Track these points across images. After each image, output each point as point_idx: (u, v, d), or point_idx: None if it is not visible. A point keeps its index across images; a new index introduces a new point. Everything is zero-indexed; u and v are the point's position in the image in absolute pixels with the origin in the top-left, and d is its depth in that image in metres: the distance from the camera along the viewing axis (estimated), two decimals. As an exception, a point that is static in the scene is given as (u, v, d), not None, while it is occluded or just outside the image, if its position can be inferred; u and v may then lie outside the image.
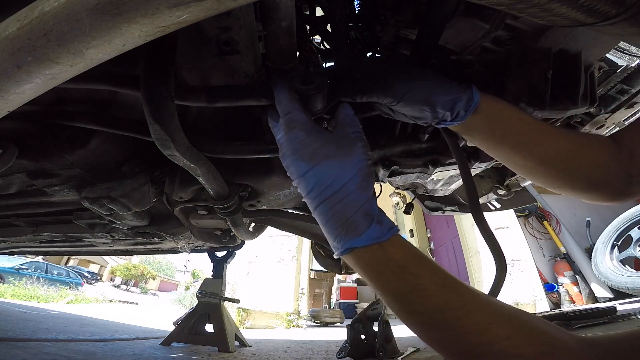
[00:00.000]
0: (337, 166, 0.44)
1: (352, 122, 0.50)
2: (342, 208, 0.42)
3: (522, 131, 0.56)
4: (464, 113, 0.56)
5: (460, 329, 0.35)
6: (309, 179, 0.44)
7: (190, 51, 0.56)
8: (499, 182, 1.20)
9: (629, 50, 0.85)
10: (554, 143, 0.55)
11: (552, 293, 4.50)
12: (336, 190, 0.42)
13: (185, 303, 8.58)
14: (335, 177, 0.43)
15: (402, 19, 0.70)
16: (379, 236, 0.41)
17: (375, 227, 0.41)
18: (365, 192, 0.43)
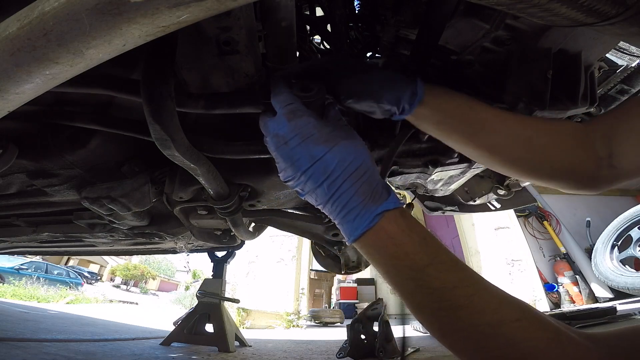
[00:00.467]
0: (355, 145, 0.45)
1: (341, 118, 0.51)
2: (368, 179, 0.43)
3: (472, 120, 0.56)
4: (409, 107, 0.57)
5: (472, 307, 0.35)
6: (328, 159, 0.44)
7: (190, 51, 0.56)
8: (499, 182, 1.20)
9: (629, 50, 0.85)
10: (507, 129, 0.55)
11: (552, 293, 4.50)
12: (359, 165, 0.44)
13: (185, 303, 8.57)
14: (355, 154, 0.44)
15: (402, 19, 0.70)
16: (399, 202, 0.43)
17: (394, 194, 0.43)
18: (376, 168, 0.45)
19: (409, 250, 0.40)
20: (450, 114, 0.57)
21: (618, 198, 5.42)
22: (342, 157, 0.44)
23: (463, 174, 1.01)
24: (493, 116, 0.56)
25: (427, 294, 0.38)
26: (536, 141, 0.54)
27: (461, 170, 0.98)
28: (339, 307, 6.73)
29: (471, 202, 1.31)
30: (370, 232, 0.42)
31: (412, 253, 0.40)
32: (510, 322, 0.34)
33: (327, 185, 0.44)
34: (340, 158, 0.44)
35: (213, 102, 0.62)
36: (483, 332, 0.34)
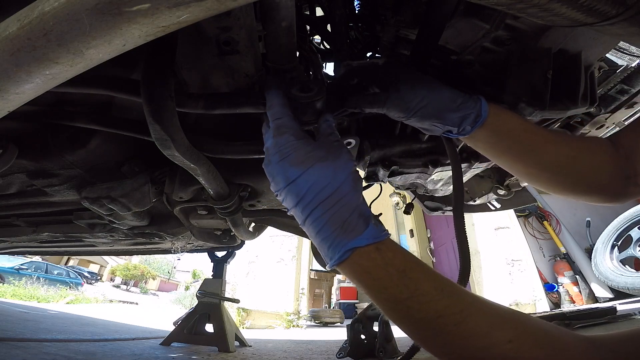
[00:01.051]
0: (330, 169, 0.43)
1: (333, 132, 0.50)
2: (339, 210, 0.41)
3: (527, 141, 0.57)
4: (470, 129, 0.57)
5: (459, 334, 0.35)
6: (300, 184, 0.43)
7: (190, 51, 0.56)
8: (499, 182, 1.20)
9: (629, 50, 0.85)
10: (555, 150, 0.56)
11: (552, 293, 4.50)
12: (331, 193, 0.42)
13: (185, 303, 8.57)
14: (329, 179, 0.42)
15: (402, 19, 0.70)
16: (377, 236, 0.40)
17: (372, 227, 0.41)
18: (357, 194, 0.43)
19: (387, 285, 0.39)
20: (508, 135, 0.58)
21: (618, 198, 5.40)
22: (315, 181, 0.42)
23: (463, 174, 1.01)
24: (543, 137, 0.57)
25: (411, 323, 0.38)
26: (577, 160, 0.56)
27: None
28: (339, 307, 6.73)
29: (471, 202, 1.31)
30: (345, 264, 0.41)
31: (390, 287, 0.39)
32: (502, 344, 0.33)
33: (300, 209, 0.43)
34: (312, 182, 0.42)
35: (213, 102, 0.62)
36: (473, 355, 0.34)
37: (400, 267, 0.39)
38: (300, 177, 0.43)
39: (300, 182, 0.43)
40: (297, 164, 0.44)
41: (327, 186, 0.42)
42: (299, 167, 0.43)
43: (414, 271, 0.39)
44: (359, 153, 0.87)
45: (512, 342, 0.33)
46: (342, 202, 0.41)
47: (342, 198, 0.42)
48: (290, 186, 0.43)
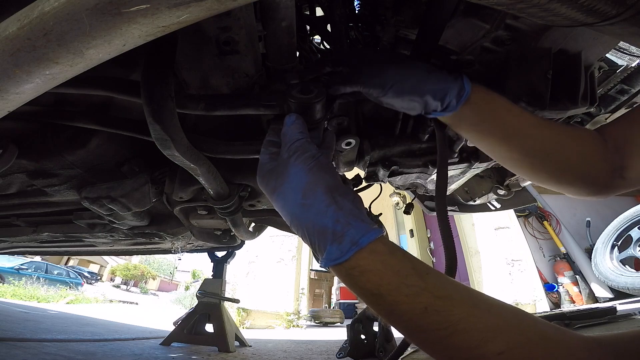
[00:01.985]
0: (281, 198, 0.44)
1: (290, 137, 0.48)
2: (302, 231, 0.42)
3: (511, 123, 0.55)
4: (456, 103, 0.55)
5: (448, 345, 0.34)
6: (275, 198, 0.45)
7: (190, 51, 0.56)
8: (499, 182, 1.20)
9: (629, 50, 0.85)
10: (540, 135, 0.54)
11: (552, 293, 4.50)
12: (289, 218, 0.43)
13: (185, 303, 8.57)
14: (284, 210, 0.43)
15: (402, 19, 0.70)
16: (337, 257, 0.39)
17: (331, 248, 0.39)
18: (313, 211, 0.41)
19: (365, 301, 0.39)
20: (492, 115, 0.56)
21: (618, 198, 5.41)
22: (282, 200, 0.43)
23: (463, 174, 1.01)
24: (527, 121, 0.55)
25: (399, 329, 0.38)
26: (564, 148, 0.54)
27: (461, 170, 0.98)
28: (339, 307, 6.72)
29: (471, 202, 1.31)
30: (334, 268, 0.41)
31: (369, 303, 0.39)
32: (492, 356, 0.33)
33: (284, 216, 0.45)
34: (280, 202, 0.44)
35: (213, 104, 0.62)
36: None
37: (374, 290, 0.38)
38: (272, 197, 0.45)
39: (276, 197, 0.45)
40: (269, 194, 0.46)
41: (284, 213, 0.44)
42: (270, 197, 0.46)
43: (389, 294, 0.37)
44: (359, 153, 0.87)
45: (503, 354, 0.33)
46: (302, 226, 0.41)
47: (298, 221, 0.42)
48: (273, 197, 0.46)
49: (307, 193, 0.41)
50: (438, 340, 0.35)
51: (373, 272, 0.38)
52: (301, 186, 0.42)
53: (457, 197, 1.37)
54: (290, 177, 0.43)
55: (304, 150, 0.45)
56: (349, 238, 0.39)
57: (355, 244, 0.38)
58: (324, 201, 0.41)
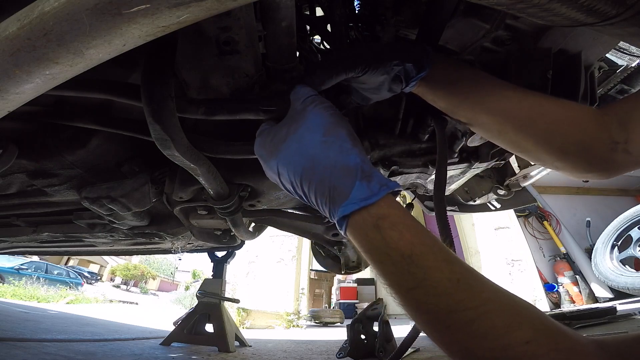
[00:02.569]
0: (294, 142, 0.40)
1: (303, 94, 0.46)
2: (321, 176, 0.37)
3: (482, 83, 0.54)
4: (421, 69, 0.54)
5: (472, 333, 0.31)
6: (278, 172, 0.41)
7: (190, 51, 0.56)
8: (499, 182, 1.20)
9: (629, 50, 0.85)
10: (519, 96, 0.51)
11: (552, 293, 4.50)
12: (304, 163, 0.38)
13: (185, 303, 8.57)
14: (298, 154, 0.39)
15: (402, 19, 0.70)
16: (367, 196, 0.34)
17: (360, 185, 0.34)
18: (336, 148, 0.37)
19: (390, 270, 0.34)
20: (460, 77, 0.55)
21: (618, 198, 5.42)
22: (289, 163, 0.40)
23: (463, 174, 1.01)
24: (501, 83, 0.53)
25: (418, 315, 0.33)
26: (551, 112, 0.50)
27: (461, 170, 0.98)
28: (339, 307, 6.72)
29: (471, 202, 1.31)
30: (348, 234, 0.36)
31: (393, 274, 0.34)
32: (519, 345, 0.30)
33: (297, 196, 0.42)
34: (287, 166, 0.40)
35: (213, 109, 0.63)
36: (486, 356, 0.30)
37: (407, 251, 0.33)
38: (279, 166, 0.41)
39: (282, 171, 0.41)
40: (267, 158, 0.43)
41: (299, 160, 0.39)
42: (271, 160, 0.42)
43: (423, 257, 0.33)
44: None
45: (530, 344, 0.30)
46: (319, 166, 0.37)
47: (317, 163, 0.37)
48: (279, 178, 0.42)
49: (329, 131, 0.38)
50: (464, 324, 0.31)
51: (406, 227, 0.34)
52: (322, 126, 0.39)
53: (457, 197, 1.37)
54: (309, 119, 0.40)
55: (322, 101, 0.43)
56: (378, 179, 0.35)
57: (385, 185, 0.34)
58: (348, 141, 0.38)
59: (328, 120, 0.40)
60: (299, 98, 0.45)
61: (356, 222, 0.35)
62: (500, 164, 1.06)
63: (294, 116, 0.43)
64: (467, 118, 0.58)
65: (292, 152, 0.40)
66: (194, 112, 0.62)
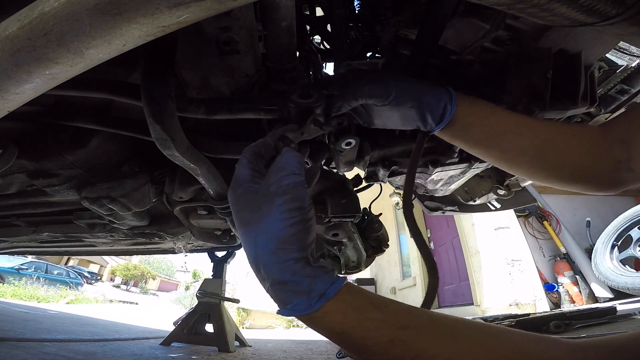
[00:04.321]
0: (252, 236, 0.40)
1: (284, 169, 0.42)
2: (262, 277, 0.40)
3: (497, 123, 0.55)
4: (450, 110, 0.54)
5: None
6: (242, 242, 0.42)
7: (190, 51, 0.56)
8: (499, 182, 1.20)
9: (629, 50, 0.85)
10: (532, 133, 0.54)
11: (552, 293, 4.49)
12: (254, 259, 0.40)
13: (185, 303, 8.58)
14: (249, 246, 0.41)
15: (402, 19, 0.70)
16: (304, 309, 0.38)
17: (298, 302, 0.38)
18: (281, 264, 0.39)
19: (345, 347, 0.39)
20: (477, 118, 0.56)
21: (618, 198, 5.41)
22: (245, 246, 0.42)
23: (463, 174, 1.01)
24: (515, 119, 0.55)
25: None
26: (559, 144, 0.53)
27: (461, 170, 0.98)
28: (339, 307, 6.71)
29: (471, 202, 1.31)
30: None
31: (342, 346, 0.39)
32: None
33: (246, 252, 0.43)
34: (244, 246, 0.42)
35: (214, 108, 0.63)
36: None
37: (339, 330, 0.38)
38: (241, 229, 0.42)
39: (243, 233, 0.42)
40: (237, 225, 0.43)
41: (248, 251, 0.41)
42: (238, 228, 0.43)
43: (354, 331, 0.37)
44: (359, 153, 0.86)
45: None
46: (261, 274, 0.40)
47: (261, 267, 0.40)
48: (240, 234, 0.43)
49: (281, 245, 0.39)
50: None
51: (335, 312, 0.38)
52: (278, 235, 0.39)
53: (457, 197, 1.37)
54: (270, 220, 0.39)
55: (295, 198, 0.40)
56: (317, 292, 0.38)
57: (323, 295, 0.38)
58: (295, 257, 0.39)
59: (286, 232, 0.39)
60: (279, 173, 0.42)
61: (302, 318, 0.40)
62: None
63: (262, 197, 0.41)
64: (481, 155, 0.61)
65: (247, 243, 0.41)
66: (194, 111, 0.62)
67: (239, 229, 0.42)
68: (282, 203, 0.40)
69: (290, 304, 0.38)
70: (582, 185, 0.55)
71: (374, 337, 0.36)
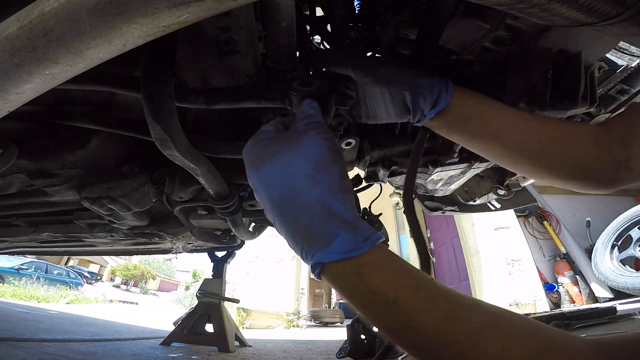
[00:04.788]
0: (280, 163, 0.36)
1: (309, 114, 0.43)
2: (298, 213, 0.34)
3: (495, 117, 0.54)
4: (445, 96, 0.53)
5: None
6: (255, 186, 0.37)
7: (190, 51, 0.56)
8: (499, 182, 1.20)
9: (629, 50, 0.85)
10: (533, 129, 0.53)
11: (552, 293, 4.50)
12: (282, 192, 0.35)
13: (185, 303, 8.58)
14: (280, 178, 0.35)
15: (402, 19, 0.70)
16: (351, 249, 0.32)
17: (345, 237, 0.32)
18: (323, 187, 0.34)
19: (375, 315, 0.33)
20: (475, 111, 0.55)
21: (618, 198, 5.41)
22: (267, 181, 0.36)
23: (463, 174, 1.01)
24: (514, 115, 0.54)
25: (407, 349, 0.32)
26: (561, 141, 0.52)
27: (461, 170, 0.98)
28: (339, 307, 6.73)
29: (471, 202, 1.31)
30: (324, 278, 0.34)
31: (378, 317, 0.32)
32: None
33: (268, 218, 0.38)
34: (264, 183, 0.36)
35: (213, 98, 0.62)
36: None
37: (391, 296, 0.31)
38: (253, 179, 0.38)
39: (255, 184, 0.38)
40: (251, 167, 0.39)
41: (280, 185, 0.35)
42: (252, 170, 0.38)
43: (408, 300, 0.31)
44: (359, 153, 0.87)
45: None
46: (300, 202, 0.34)
47: (298, 197, 0.34)
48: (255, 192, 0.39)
49: (322, 166, 0.34)
50: (457, 355, 0.30)
51: (389, 271, 0.32)
52: (315, 157, 0.35)
53: (457, 197, 1.37)
54: (304, 145, 0.36)
55: (325, 131, 0.39)
56: (363, 231, 0.33)
57: (369, 238, 0.33)
58: (338, 182, 0.34)
59: (324, 153, 0.36)
60: (304, 118, 0.42)
61: (334, 269, 0.33)
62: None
63: (291, 135, 0.40)
64: (480, 150, 0.59)
65: (274, 174, 0.36)
66: (194, 101, 0.61)
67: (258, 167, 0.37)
68: (316, 133, 0.38)
69: (336, 239, 0.32)
70: (582, 184, 0.54)
71: (429, 309, 0.31)
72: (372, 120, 0.60)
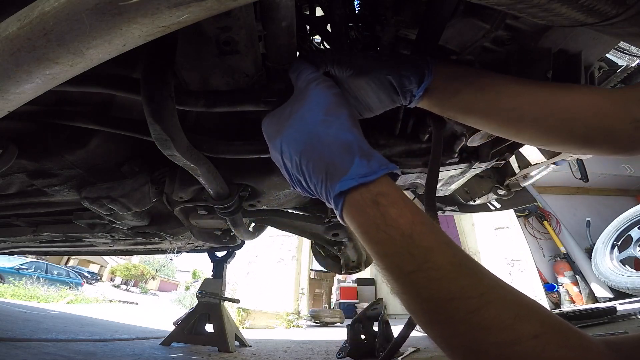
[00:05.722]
0: (297, 120, 0.41)
1: (303, 72, 0.47)
2: (319, 153, 0.37)
3: (488, 85, 0.52)
4: (427, 71, 0.52)
5: (476, 324, 0.27)
6: (285, 150, 0.42)
7: (190, 51, 0.56)
8: (499, 182, 1.20)
9: (629, 50, 0.85)
10: (531, 92, 0.49)
11: (552, 293, 4.50)
12: (305, 140, 0.39)
13: (185, 303, 8.58)
14: (300, 131, 0.40)
15: (402, 19, 0.70)
16: (366, 173, 0.33)
17: (361, 162, 0.34)
18: (336, 126, 0.38)
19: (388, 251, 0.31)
20: (465, 83, 0.52)
21: (618, 198, 5.42)
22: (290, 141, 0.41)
23: (463, 174, 1.01)
24: (508, 80, 0.51)
25: (416, 303, 0.31)
26: (565, 100, 0.48)
27: (461, 170, 0.98)
28: (339, 307, 6.72)
29: (471, 202, 1.31)
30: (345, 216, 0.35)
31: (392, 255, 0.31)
32: (527, 339, 0.26)
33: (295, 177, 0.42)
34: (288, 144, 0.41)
35: (213, 100, 0.62)
36: (490, 351, 0.27)
37: (407, 230, 0.31)
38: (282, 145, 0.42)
39: (284, 149, 0.42)
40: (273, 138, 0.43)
41: (300, 138, 0.39)
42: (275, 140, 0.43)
43: (424, 237, 0.30)
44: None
45: (538, 338, 0.26)
46: (319, 142, 0.37)
47: (317, 140, 0.38)
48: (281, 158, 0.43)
49: (330, 111, 0.39)
50: (466, 314, 0.28)
51: (406, 205, 0.32)
52: (323, 105, 0.40)
53: (457, 197, 1.37)
54: (310, 98, 0.41)
55: (324, 80, 0.44)
56: (378, 158, 0.35)
57: (385, 165, 0.34)
58: (348, 120, 0.38)
59: (329, 99, 0.41)
60: (301, 77, 0.46)
61: (354, 199, 0.34)
62: (500, 164, 1.06)
63: (297, 95, 0.44)
64: (479, 124, 0.56)
65: (295, 130, 0.41)
66: (193, 104, 0.62)
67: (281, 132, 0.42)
68: (315, 84, 0.43)
69: (353, 165, 0.34)
70: (597, 147, 0.49)
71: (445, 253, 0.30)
72: (369, 113, 0.59)
